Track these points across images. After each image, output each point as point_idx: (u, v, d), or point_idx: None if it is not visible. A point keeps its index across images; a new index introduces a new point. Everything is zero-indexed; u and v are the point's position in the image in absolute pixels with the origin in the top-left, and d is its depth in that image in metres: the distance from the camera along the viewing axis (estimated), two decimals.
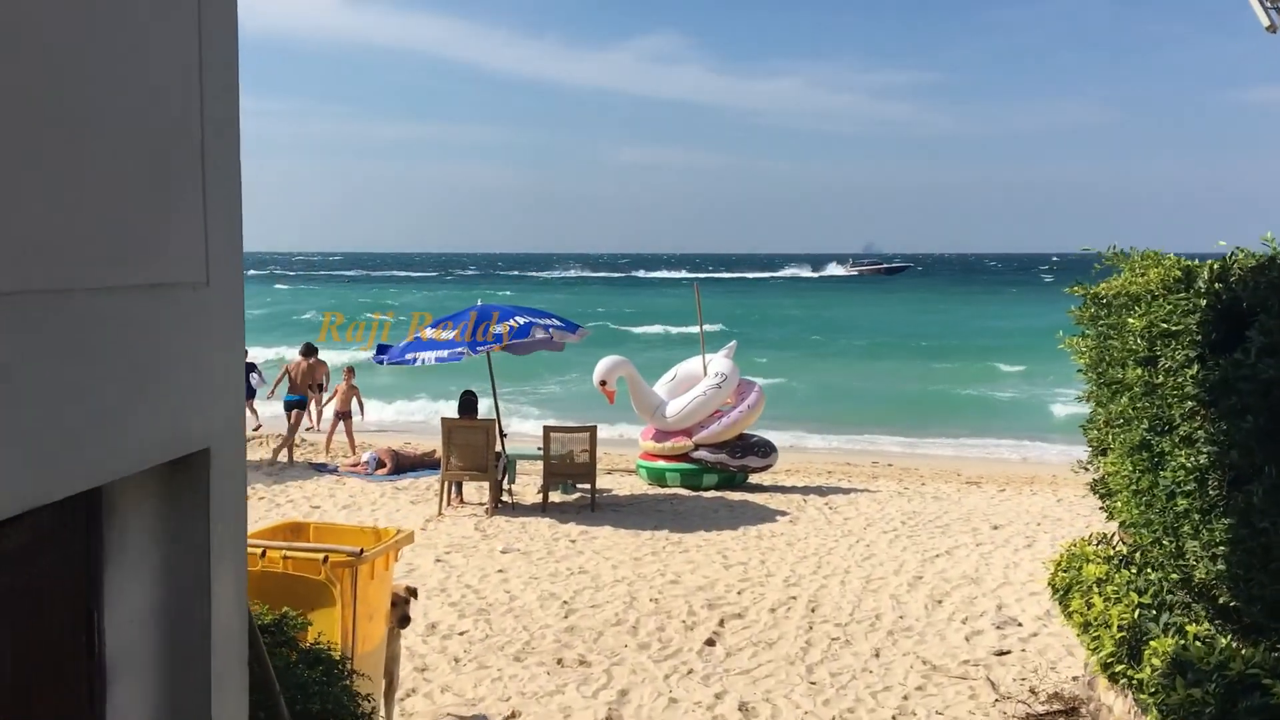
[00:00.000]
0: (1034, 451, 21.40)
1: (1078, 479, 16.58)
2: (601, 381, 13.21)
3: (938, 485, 15.03)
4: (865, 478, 15.93)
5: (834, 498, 13.07)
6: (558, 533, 10.84)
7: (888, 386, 31.32)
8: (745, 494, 13.13)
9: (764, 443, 13.54)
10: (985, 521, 11.68)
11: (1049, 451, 21.49)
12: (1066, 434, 23.60)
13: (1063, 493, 14.33)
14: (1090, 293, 5.79)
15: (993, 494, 13.99)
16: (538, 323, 11.32)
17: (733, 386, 13.50)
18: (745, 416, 13.21)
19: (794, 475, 15.74)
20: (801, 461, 18.48)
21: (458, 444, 11.51)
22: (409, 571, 9.29)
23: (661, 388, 13.84)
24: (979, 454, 21.06)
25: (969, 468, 18.42)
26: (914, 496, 13.42)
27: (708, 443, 13.18)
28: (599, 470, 15.13)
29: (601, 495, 12.94)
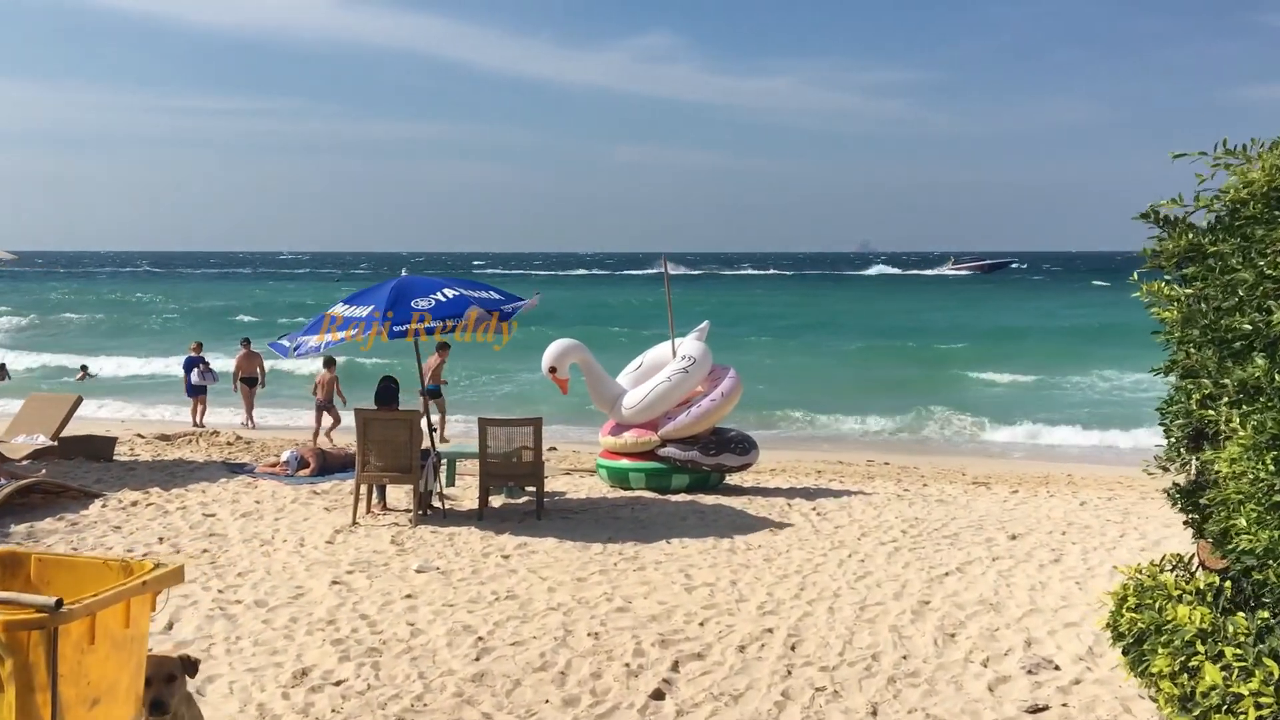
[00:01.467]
0: (1043, 446, 19.62)
1: (1098, 479, 14.85)
2: (551, 368, 11.41)
3: (941, 486, 13.26)
4: (859, 478, 14.15)
5: (823, 502, 11.28)
6: (490, 546, 9.03)
7: (886, 374, 29.56)
8: (720, 498, 11.33)
9: (742, 438, 11.74)
10: (1000, 530, 9.90)
11: (1062, 444, 19.74)
12: (1081, 424, 21.91)
13: (1085, 495, 12.57)
14: (1204, 203, 3.95)
15: (1004, 497, 12.22)
16: (472, 296, 9.51)
17: (703, 373, 11.71)
18: (718, 407, 11.41)
19: (778, 475, 13.95)
20: (788, 459, 16.69)
21: (375, 440, 9.70)
22: (294, 597, 7.48)
23: (626, 378, 12.04)
24: (987, 449, 19.32)
25: (975, 466, 16.66)
26: (915, 500, 11.63)
27: (675, 437, 11.39)
28: (555, 471, 13.33)
29: (553, 500, 11.14)
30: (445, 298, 9.36)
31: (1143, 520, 10.52)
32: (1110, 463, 18.16)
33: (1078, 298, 67.16)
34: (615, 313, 53.16)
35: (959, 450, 19.64)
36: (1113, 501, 11.86)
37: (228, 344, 22.80)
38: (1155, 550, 9.13)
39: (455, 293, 9.44)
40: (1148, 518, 10.68)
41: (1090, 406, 24.85)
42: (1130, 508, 11.37)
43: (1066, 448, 19.79)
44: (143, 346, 37.19)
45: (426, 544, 9.09)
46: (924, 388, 27.45)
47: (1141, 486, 13.90)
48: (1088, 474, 15.77)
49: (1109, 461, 18.40)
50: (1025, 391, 27.56)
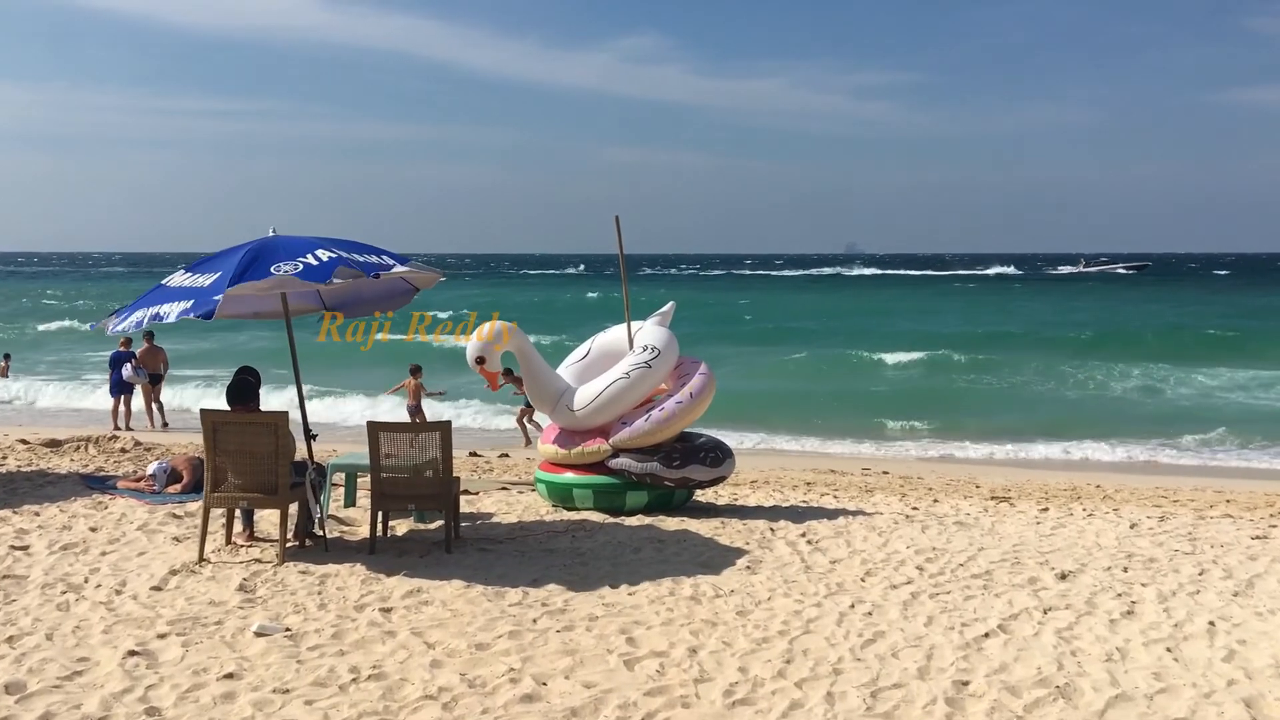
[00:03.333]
0: (1059, 453, 17.27)
1: (1134, 492, 12.59)
2: (478, 359, 9.13)
3: (955, 502, 11.03)
4: (856, 492, 11.91)
5: (814, 526, 9.03)
6: (370, 594, 6.74)
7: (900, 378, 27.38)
8: (686, 520, 9.06)
9: (714, 446, 9.47)
10: (1044, 566, 7.66)
11: (1088, 450, 17.48)
12: (1111, 428, 19.65)
13: (1128, 512, 10.36)
14: None
15: (1034, 517, 10.00)
16: (350, 258, 7.21)
17: (668, 366, 9.45)
18: (686, 410, 9.13)
19: (759, 490, 11.69)
20: (772, 467, 14.44)
21: (230, 451, 7.40)
22: (66, 677, 5.19)
23: (568, 371, 9.77)
24: (1000, 456, 16.99)
25: (987, 475, 14.46)
26: (927, 522, 9.39)
27: (632, 446, 9.12)
28: (491, 485, 11.03)
29: (474, 525, 8.86)
30: (317, 260, 7.07)
31: (1219, 550, 8.30)
32: (1138, 471, 15.97)
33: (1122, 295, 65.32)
34: (593, 311, 50.84)
35: (964, 457, 17.43)
36: (1168, 523, 9.65)
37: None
38: (1254, 594, 6.91)
39: (331, 255, 7.14)
40: (1224, 546, 8.46)
41: (1098, 411, 22.70)
42: (1195, 531, 9.16)
43: (1073, 456, 17.60)
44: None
45: (287, 591, 6.79)
46: (923, 394, 25.28)
47: (1190, 501, 11.71)
48: (1118, 484, 13.59)
49: (1136, 470, 16.23)
50: (1033, 395, 25.40)
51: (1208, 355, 30.95)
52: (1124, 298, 64.22)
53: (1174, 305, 55.72)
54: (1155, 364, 28.41)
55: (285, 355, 8.54)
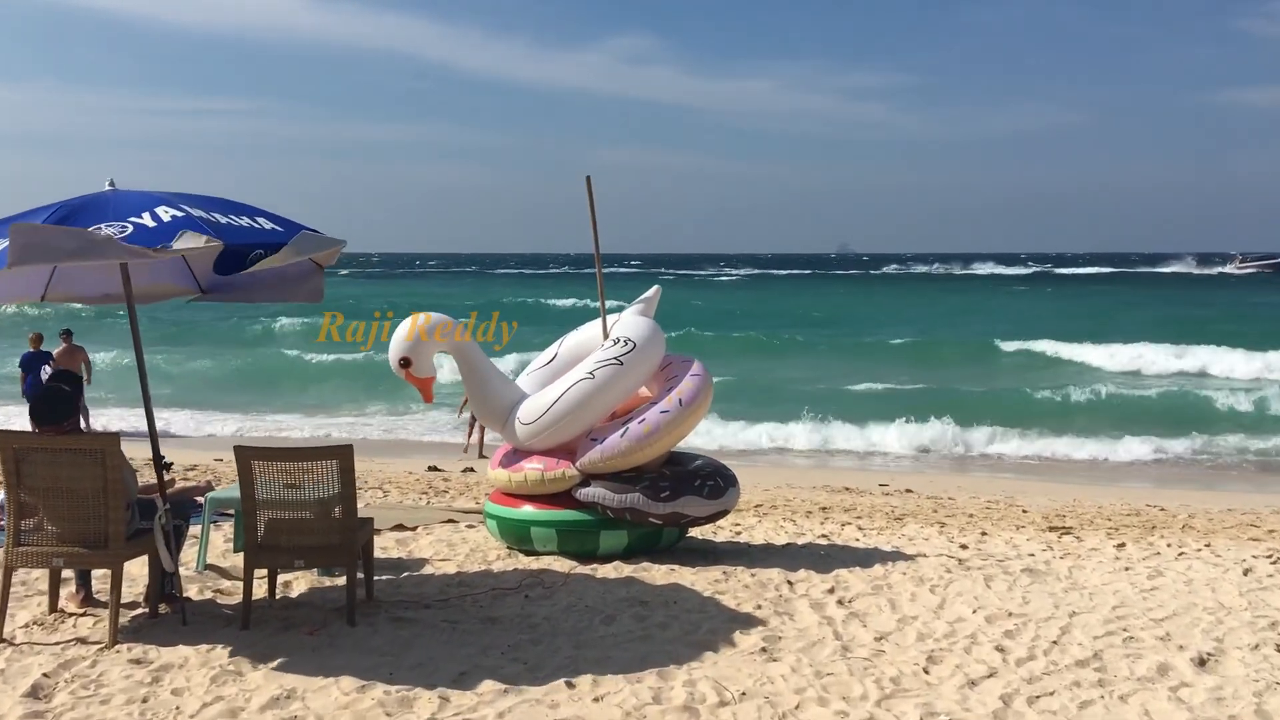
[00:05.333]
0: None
1: (1216, 520, 10.52)
2: (403, 361, 7.03)
3: (1007, 534, 8.96)
4: (883, 519, 9.85)
5: (844, 575, 6.93)
6: (217, 702, 4.62)
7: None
8: (677, 570, 6.95)
9: (714, 472, 7.35)
10: (1166, 641, 5.59)
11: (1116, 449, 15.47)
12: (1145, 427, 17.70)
13: (1225, 549, 8.31)
14: None
15: (1113, 555, 7.96)
16: (208, 219, 5.09)
17: (650, 365, 7.35)
18: (675, 421, 7.02)
19: (767, 518, 9.62)
20: (777, 483, 12.37)
21: (37, 488, 5.29)
22: None
23: (531, 378, 7.66)
24: (1003, 463, 14.88)
25: (1025, 492, 12.40)
26: (986, 567, 7.31)
27: (606, 470, 7.02)
28: (432, 518, 8.91)
29: (400, 579, 6.75)
30: (156, 220, 4.95)
31: None
32: (1172, 482, 13.92)
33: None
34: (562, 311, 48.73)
35: (977, 464, 15.39)
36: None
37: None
38: None
39: (177, 213, 5.02)
40: None
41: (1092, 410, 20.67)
42: None
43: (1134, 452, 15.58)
44: None
45: (98, 698, 4.66)
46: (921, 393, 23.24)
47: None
48: (1182, 503, 11.59)
49: (1170, 481, 14.22)
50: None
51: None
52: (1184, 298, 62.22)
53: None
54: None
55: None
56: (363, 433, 18.77)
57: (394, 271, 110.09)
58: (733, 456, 15.84)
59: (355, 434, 18.45)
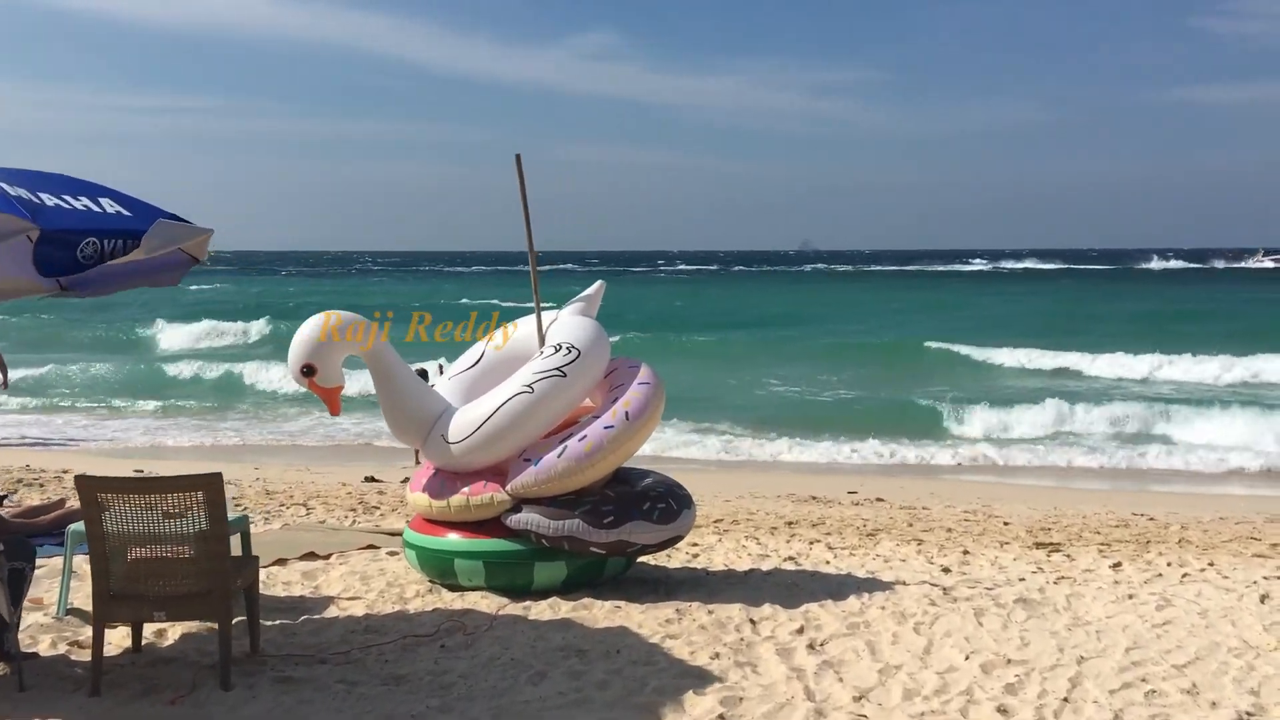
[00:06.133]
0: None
1: (1211, 533, 9.58)
2: (305, 368, 6.06)
3: (991, 553, 8.13)
4: (855, 535, 8.99)
5: (814, 612, 6.03)
6: None
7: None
8: (623, 607, 6.02)
9: (665, 493, 6.41)
10: (1194, 696, 4.74)
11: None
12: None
13: (1231, 568, 7.52)
14: None
15: (1112, 579, 7.14)
16: (26, 199, 4.11)
17: (594, 373, 6.42)
18: (621, 436, 6.09)
19: (728, 536, 8.73)
20: (739, 493, 11.47)
21: None
22: None
23: (452, 384, 6.70)
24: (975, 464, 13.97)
25: (998, 499, 11.59)
26: (975, 597, 6.44)
27: (542, 494, 6.08)
28: (349, 544, 7.90)
29: (297, 623, 5.77)
30: None
31: None
32: (1147, 482, 13.18)
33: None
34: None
35: (945, 469, 14.59)
36: None
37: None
38: None
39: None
40: None
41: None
42: None
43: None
44: None
45: None
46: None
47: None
48: (1159, 510, 10.83)
49: (1148, 479, 13.50)
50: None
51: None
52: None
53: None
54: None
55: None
56: (303, 439, 17.68)
57: (349, 270, 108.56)
58: (688, 466, 14.97)
59: (295, 440, 17.37)
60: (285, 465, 14.51)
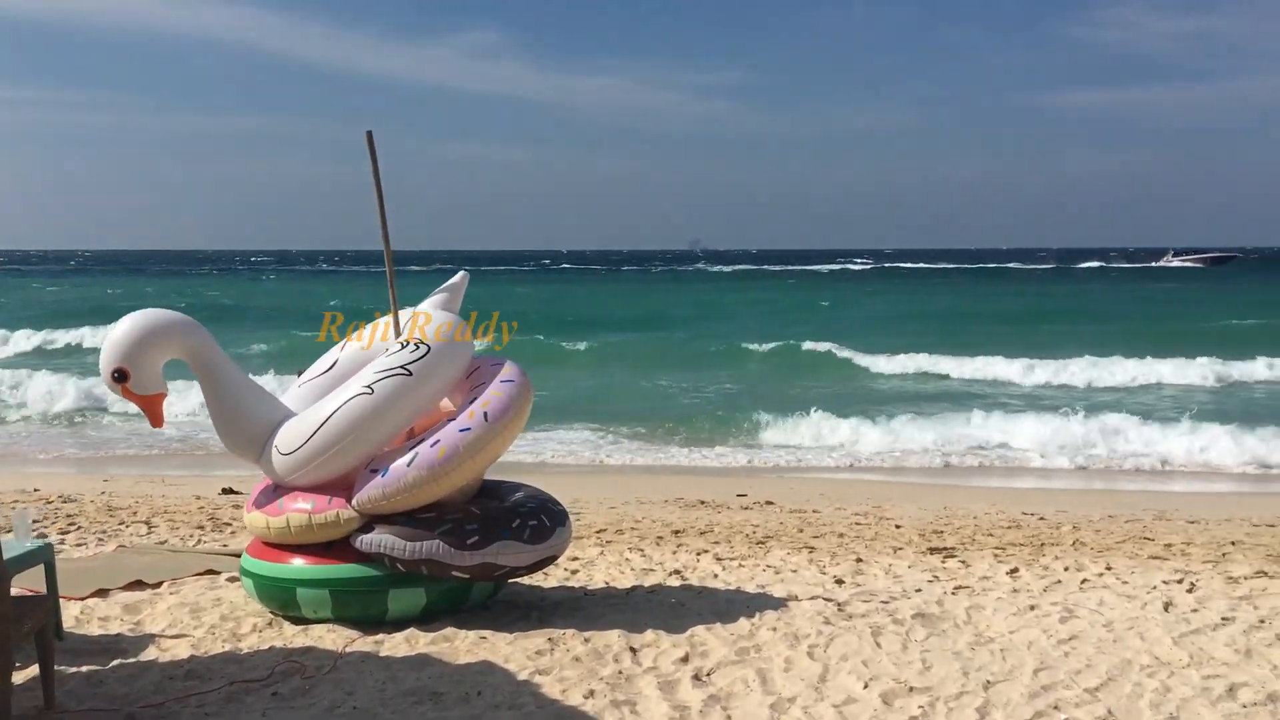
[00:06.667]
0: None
1: (1103, 534, 8.96)
2: (117, 372, 5.28)
3: (886, 561, 7.73)
4: (745, 543, 8.52)
5: (700, 635, 5.48)
6: None
7: None
8: (489, 637, 5.39)
9: (538, 508, 5.77)
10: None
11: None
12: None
13: (1129, 571, 7.26)
14: None
15: (1011, 588, 6.80)
16: None
17: (452, 373, 5.76)
18: (480, 440, 5.42)
19: (610, 548, 8.14)
20: (624, 498, 10.89)
21: None
22: None
23: (302, 392, 5.97)
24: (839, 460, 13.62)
25: (893, 497, 11.26)
26: (871, 613, 5.99)
27: (391, 509, 5.41)
28: (177, 571, 7.04)
29: (108, 670, 4.98)
30: None
31: None
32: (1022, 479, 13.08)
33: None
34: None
35: (833, 467, 14.30)
36: (1210, 598, 6.54)
37: None
38: None
39: None
40: None
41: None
42: (1265, 607, 6.06)
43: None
44: None
45: None
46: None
47: (1186, 547, 8.69)
48: (1048, 508, 10.65)
49: (1001, 472, 13.37)
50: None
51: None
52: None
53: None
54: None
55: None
56: (167, 445, 16.42)
57: (229, 268, 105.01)
58: (573, 471, 14.40)
59: (155, 447, 16.15)
60: (140, 476, 13.45)
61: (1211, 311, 38.27)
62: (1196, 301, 46.05)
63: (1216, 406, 18.86)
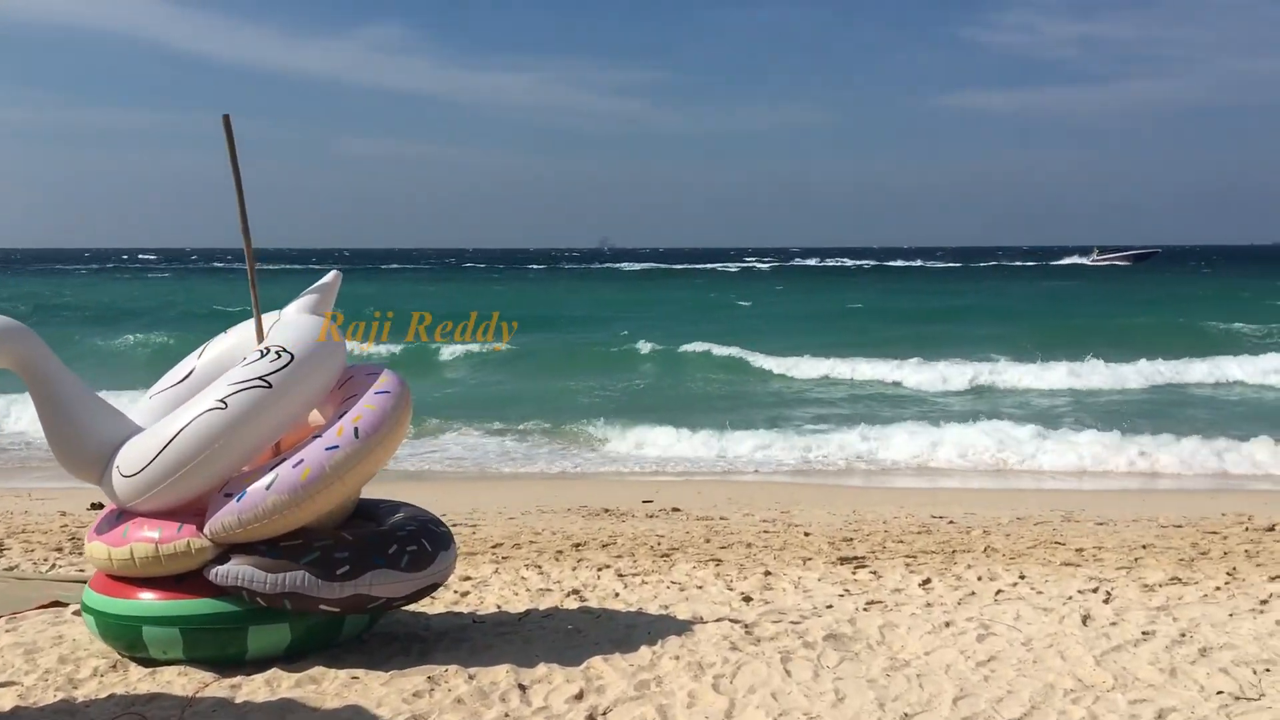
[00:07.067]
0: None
1: (1014, 537, 8.64)
2: None
3: (795, 573, 7.37)
4: (649, 555, 8.12)
5: (598, 668, 5.02)
6: None
7: None
8: (361, 676, 4.86)
9: (418, 531, 5.23)
10: None
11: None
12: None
13: (1042, 580, 7.03)
14: None
15: (924, 601, 6.50)
16: None
17: (320, 383, 5.20)
18: (349, 460, 4.87)
19: (506, 564, 7.64)
20: (524, 505, 10.35)
21: None
22: None
23: (153, 404, 5.35)
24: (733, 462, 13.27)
25: (802, 501, 10.95)
26: (780, 635, 5.60)
27: (249, 537, 4.84)
28: (17, 604, 6.35)
29: None
30: None
31: (1222, 645, 4.94)
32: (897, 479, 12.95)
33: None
34: None
35: (739, 470, 14.01)
36: (1128, 609, 6.33)
37: None
38: None
39: None
40: (1232, 638, 5.11)
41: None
42: (1185, 623, 5.84)
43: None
44: None
45: None
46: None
47: (1099, 551, 8.54)
48: (955, 510, 10.46)
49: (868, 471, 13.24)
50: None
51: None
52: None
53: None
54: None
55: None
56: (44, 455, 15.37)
57: (103, 267, 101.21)
58: (471, 478, 13.86)
59: (33, 457, 15.11)
60: (5, 489, 12.54)
61: (1114, 309, 39.19)
62: (1105, 299, 47.25)
63: (1111, 409, 19.08)
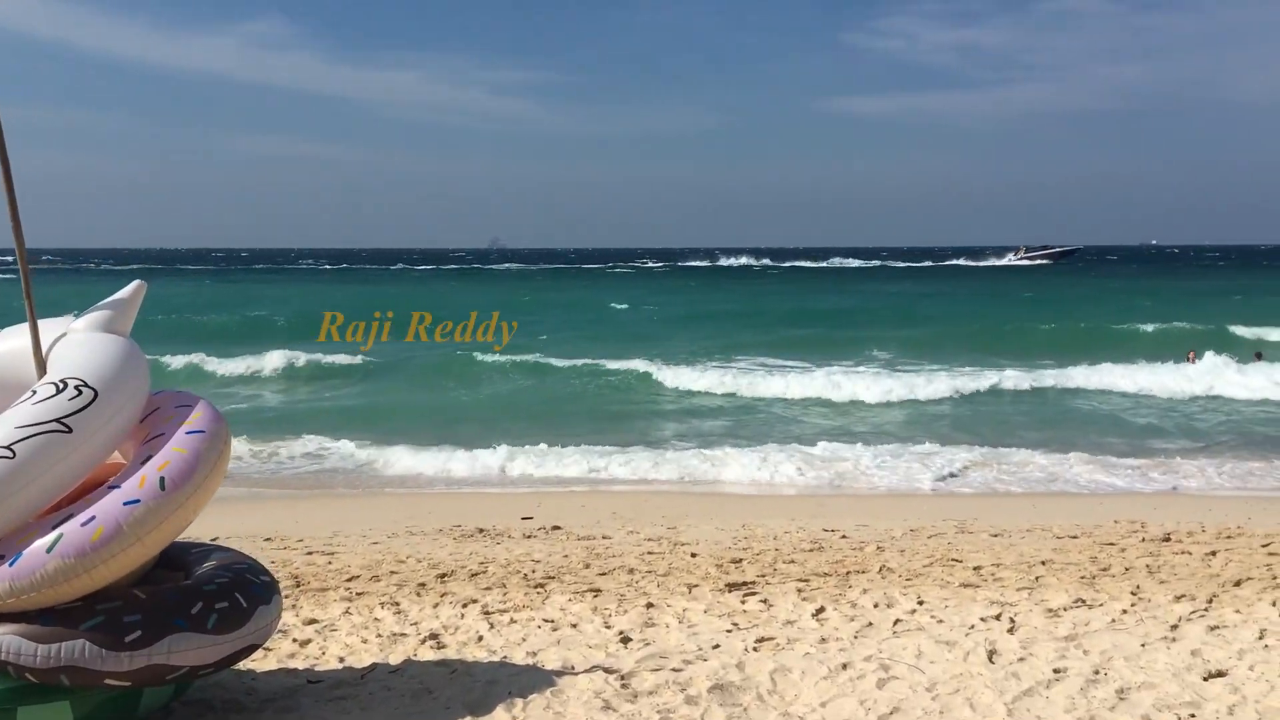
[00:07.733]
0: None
1: (909, 553, 8.19)
2: None
3: (680, 604, 6.77)
4: (522, 588, 7.42)
5: None
6: None
7: None
8: None
9: (231, 583, 4.44)
10: None
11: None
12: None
13: (941, 605, 6.55)
14: None
15: (819, 635, 5.96)
16: None
17: (124, 421, 4.33)
18: (152, 515, 4.06)
19: (362, 598, 6.85)
20: (394, 527, 9.53)
21: None
22: None
23: None
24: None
25: (690, 515, 10.38)
26: (659, 685, 4.96)
27: (22, 606, 3.98)
28: None
29: None
30: None
31: (1140, 685, 4.48)
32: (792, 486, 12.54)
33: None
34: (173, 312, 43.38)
35: (624, 481, 13.40)
36: (1035, 642, 5.86)
37: None
38: None
39: None
40: (1149, 675, 4.66)
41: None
42: (1095, 651, 5.38)
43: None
44: None
45: None
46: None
47: (998, 569, 8.12)
48: (845, 521, 10.02)
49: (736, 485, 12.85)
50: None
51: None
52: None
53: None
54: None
55: None
56: None
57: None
58: (336, 494, 12.96)
59: None
60: None
61: (1029, 313, 39.75)
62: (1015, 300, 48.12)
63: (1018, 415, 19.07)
